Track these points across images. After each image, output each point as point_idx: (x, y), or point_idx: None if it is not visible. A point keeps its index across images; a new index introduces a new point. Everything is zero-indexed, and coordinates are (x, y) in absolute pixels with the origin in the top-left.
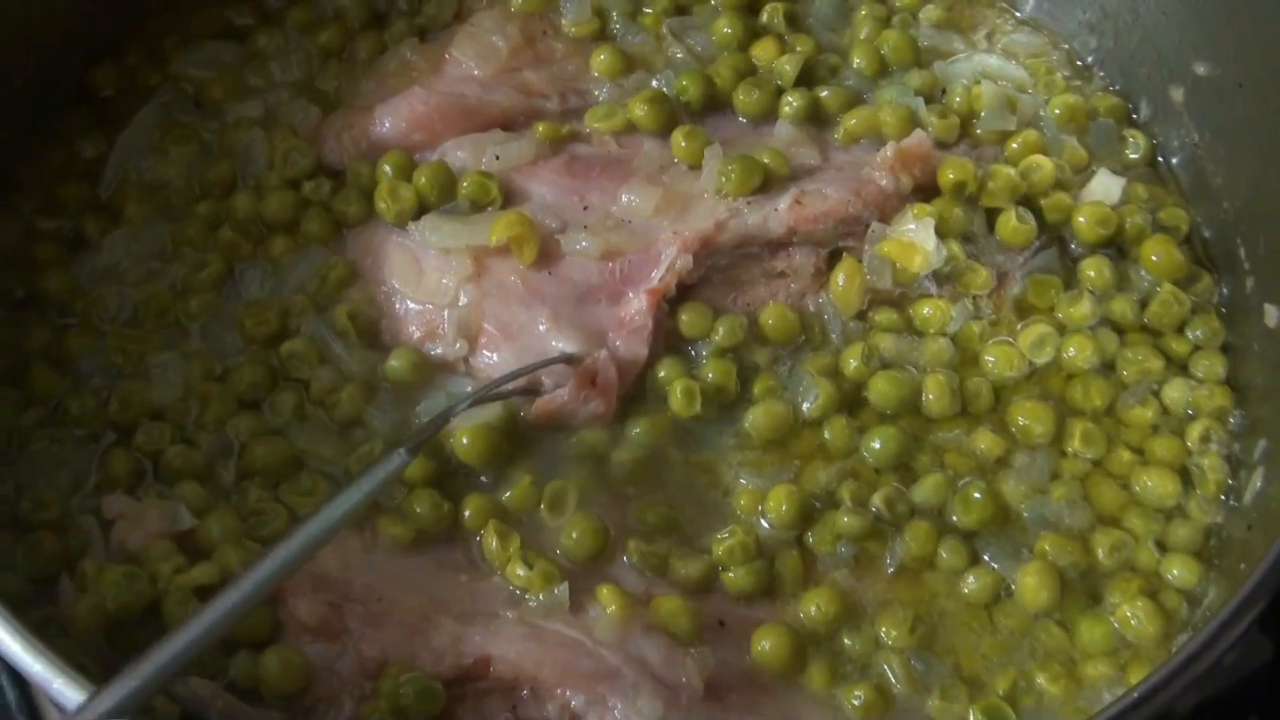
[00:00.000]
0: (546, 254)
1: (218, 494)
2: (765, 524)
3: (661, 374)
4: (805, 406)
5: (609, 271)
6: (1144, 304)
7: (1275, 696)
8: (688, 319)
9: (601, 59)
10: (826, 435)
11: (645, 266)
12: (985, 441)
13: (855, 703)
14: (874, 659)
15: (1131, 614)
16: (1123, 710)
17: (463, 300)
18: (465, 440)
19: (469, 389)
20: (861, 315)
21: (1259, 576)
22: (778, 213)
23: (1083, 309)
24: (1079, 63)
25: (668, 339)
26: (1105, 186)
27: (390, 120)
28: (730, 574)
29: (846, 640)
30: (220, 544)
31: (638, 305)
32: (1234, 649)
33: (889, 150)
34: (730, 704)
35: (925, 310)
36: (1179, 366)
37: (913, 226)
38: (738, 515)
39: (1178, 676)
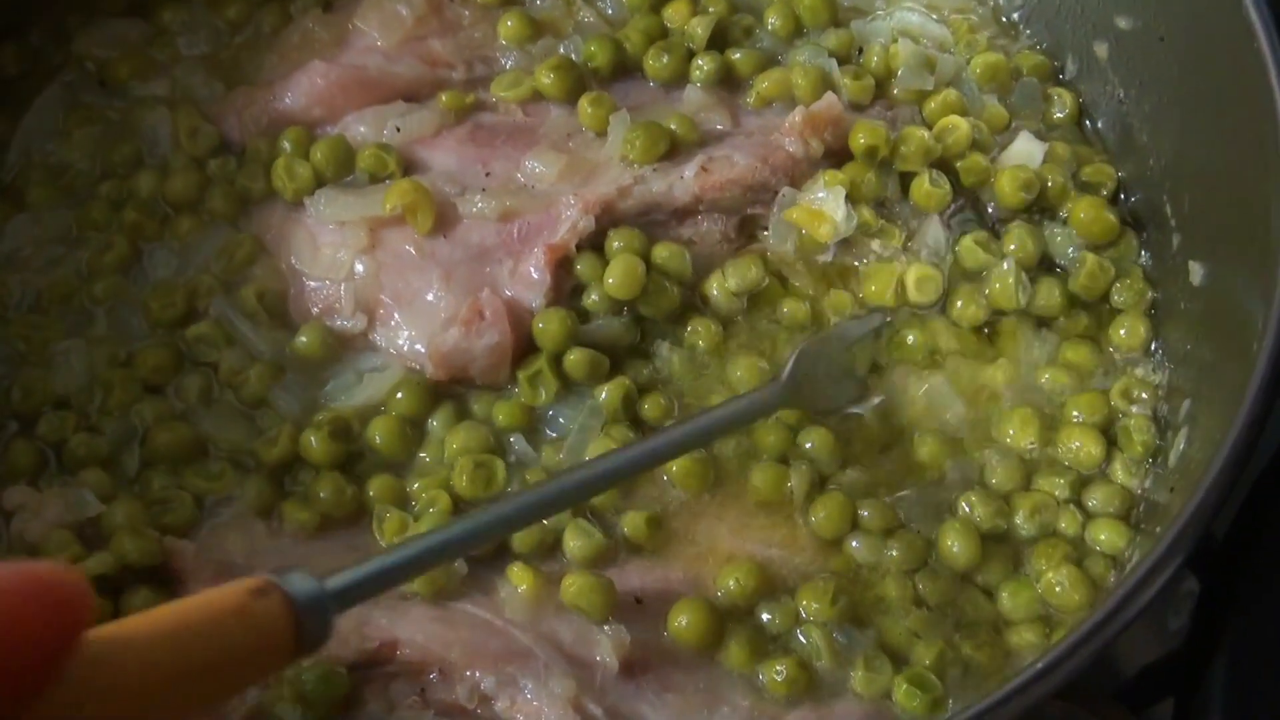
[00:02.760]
0: (444, 219)
1: (121, 481)
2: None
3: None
4: None
5: (507, 232)
6: (1066, 273)
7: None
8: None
9: (509, 25)
10: None
11: (545, 227)
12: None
13: (777, 677)
14: (795, 633)
15: (1057, 581)
16: (1041, 671)
17: (359, 273)
18: (379, 436)
19: (377, 364)
20: None
21: (1174, 533)
22: (683, 180)
23: (1008, 293)
24: (1004, 19)
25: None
26: (1027, 151)
27: (290, 95)
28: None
29: (766, 614)
30: (118, 532)
31: (535, 261)
32: (1154, 605)
33: (797, 115)
34: (646, 681)
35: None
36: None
37: (823, 194)
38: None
39: (1090, 639)
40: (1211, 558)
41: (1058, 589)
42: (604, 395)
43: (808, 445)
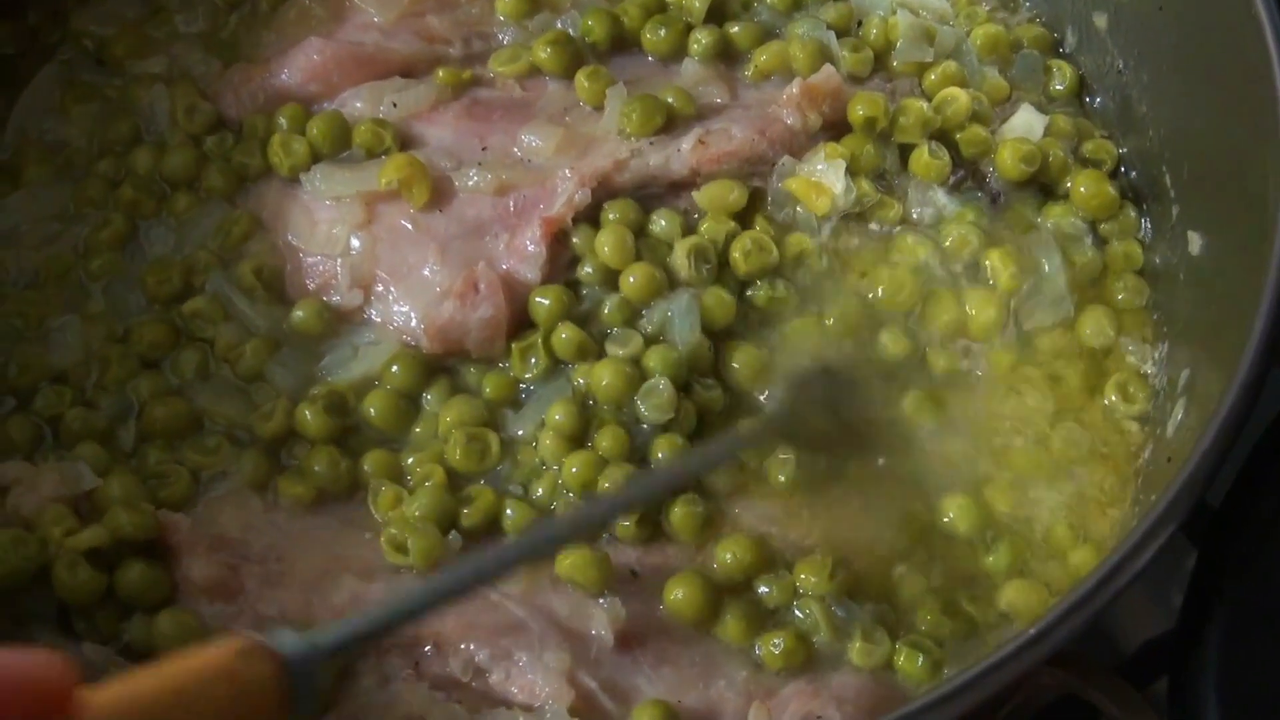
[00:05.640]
0: (440, 194)
1: (117, 456)
2: None
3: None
4: None
5: (503, 206)
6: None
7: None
8: (579, 242)
9: (506, 0)
10: None
11: (541, 200)
12: None
13: (774, 650)
14: (792, 607)
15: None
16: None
17: (354, 248)
18: (374, 410)
19: (373, 338)
20: None
21: (1168, 499)
22: (680, 153)
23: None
24: None
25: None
26: (1027, 123)
27: (287, 72)
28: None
29: (763, 588)
30: (113, 506)
31: (531, 234)
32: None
33: (794, 87)
34: (642, 654)
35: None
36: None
37: (822, 166)
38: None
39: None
40: (1209, 528)
41: None
42: (580, 380)
43: None
